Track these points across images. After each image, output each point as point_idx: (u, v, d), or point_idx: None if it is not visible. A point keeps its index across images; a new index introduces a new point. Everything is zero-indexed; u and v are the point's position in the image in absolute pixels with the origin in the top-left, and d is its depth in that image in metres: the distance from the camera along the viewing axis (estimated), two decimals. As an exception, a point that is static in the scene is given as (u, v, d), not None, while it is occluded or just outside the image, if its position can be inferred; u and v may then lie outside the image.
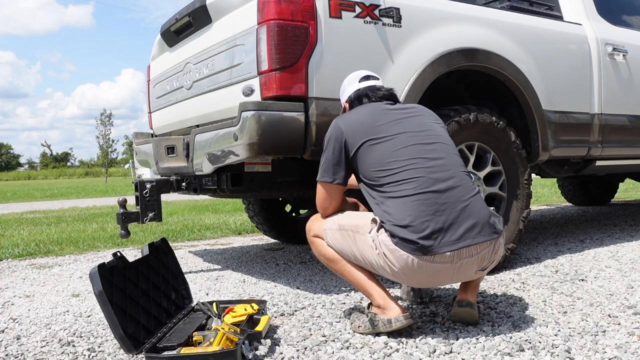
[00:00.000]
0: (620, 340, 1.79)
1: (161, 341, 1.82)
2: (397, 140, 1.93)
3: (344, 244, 1.98)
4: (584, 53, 3.40)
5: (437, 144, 1.97)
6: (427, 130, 2.00)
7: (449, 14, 2.83)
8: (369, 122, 1.98)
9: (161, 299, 2.11)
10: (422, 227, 1.78)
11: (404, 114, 2.04)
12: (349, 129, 1.98)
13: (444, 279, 1.88)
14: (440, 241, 1.77)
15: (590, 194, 6.50)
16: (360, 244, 1.92)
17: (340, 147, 1.98)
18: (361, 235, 1.92)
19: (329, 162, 2.00)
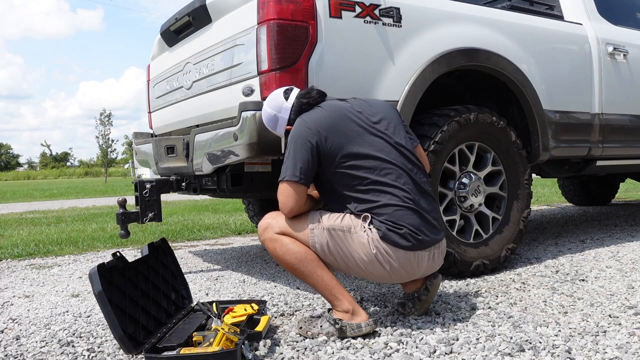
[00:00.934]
0: (620, 341, 1.79)
1: (161, 341, 1.81)
2: (379, 150, 1.97)
3: (333, 245, 1.95)
4: (585, 53, 3.40)
5: (412, 154, 2.05)
6: (401, 137, 2.05)
7: (449, 13, 2.83)
8: (341, 126, 1.97)
9: (161, 299, 2.10)
10: (414, 224, 1.92)
11: (371, 120, 2.03)
12: (322, 129, 1.95)
13: (419, 274, 2.04)
14: (426, 235, 1.95)
15: (590, 194, 6.49)
16: (354, 243, 1.93)
17: (311, 148, 1.93)
18: (354, 234, 1.93)
19: (296, 161, 1.94)
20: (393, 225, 1.90)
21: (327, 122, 1.97)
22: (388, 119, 2.06)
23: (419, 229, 1.93)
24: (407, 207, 1.93)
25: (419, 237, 1.93)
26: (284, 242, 1.98)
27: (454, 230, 2.80)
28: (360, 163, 1.94)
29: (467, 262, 2.76)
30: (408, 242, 1.91)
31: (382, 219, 1.91)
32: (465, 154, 2.85)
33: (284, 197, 1.97)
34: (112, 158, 46.38)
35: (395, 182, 1.94)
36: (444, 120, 2.71)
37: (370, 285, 2.71)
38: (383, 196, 1.93)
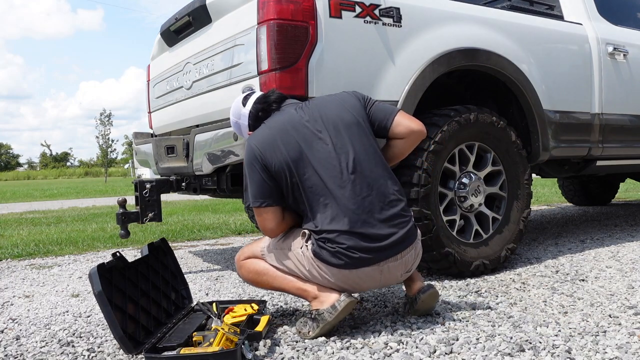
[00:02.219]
0: (620, 341, 1.79)
1: (161, 341, 1.81)
2: (319, 168, 1.92)
3: (279, 262, 2.02)
4: (585, 53, 3.40)
5: (358, 165, 1.93)
6: (345, 150, 1.94)
7: (449, 13, 2.83)
8: (284, 144, 1.93)
9: (161, 299, 2.10)
10: (347, 245, 1.87)
11: (316, 134, 1.96)
12: (264, 149, 1.94)
13: (370, 286, 1.98)
14: (368, 252, 1.87)
15: (590, 194, 6.49)
16: (292, 259, 1.98)
17: (261, 168, 1.94)
18: (292, 251, 1.98)
19: (254, 186, 1.96)
20: (326, 243, 1.88)
21: (269, 141, 1.95)
22: (337, 120, 1.97)
23: (356, 247, 1.85)
24: (344, 226, 1.86)
25: (354, 255, 1.85)
26: (246, 264, 2.10)
27: (454, 230, 2.80)
28: (302, 179, 1.92)
29: (467, 262, 2.76)
30: (340, 261, 1.87)
31: (319, 237, 1.90)
32: (465, 154, 2.85)
33: (259, 221, 2.03)
34: (112, 158, 46.41)
35: (335, 197, 1.88)
36: (444, 120, 2.71)
37: (370, 285, 2.71)
38: (322, 213, 1.89)
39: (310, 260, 1.92)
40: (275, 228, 2.01)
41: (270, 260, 2.05)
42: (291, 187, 1.94)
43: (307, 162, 1.92)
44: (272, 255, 2.05)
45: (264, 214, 1.99)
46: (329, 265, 1.88)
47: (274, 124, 2.01)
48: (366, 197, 1.90)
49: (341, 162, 1.92)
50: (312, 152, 1.92)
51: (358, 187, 1.90)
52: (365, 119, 2.02)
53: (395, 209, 1.93)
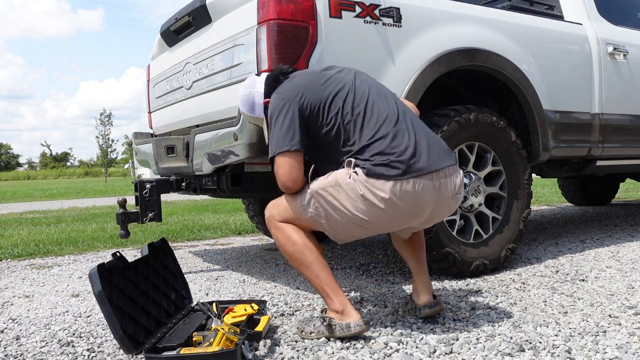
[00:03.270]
0: (620, 341, 1.79)
1: (161, 341, 1.81)
2: (356, 91, 1.94)
3: (324, 206, 1.88)
4: (585, 53, 3.40)
5: (394, 96, 2.03)
6: (385, 93, 2.01)
7: (449, 13, 2.83)
8: (315, 83, 1.94)
9: (161, 299, 2.10)
10: (401, 151, 1.83)
11: (353, 80, 1.98)
12: (298, 91, 1.91)
13: (425, 207, 1.87)
14: (419, 161, 1.84)
15: (590, 194, 6.49)
16: (342, 192, 1.85)
17: (294, 112, 1.88)
18: (341, 185, 1.85)
19: (284, 131, 1.87)
20: (378, 157, 1.82)
21: (301, 83, 1.94)
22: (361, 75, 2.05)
23: (411, 155, 1.82)
24: (397, 140, 1.84)
25: (410, 161, 1.81)
26: (287, 231, 1.98)
27: (454, 230, 2.80)
28: (342, 110, 1.89)
29: (467, 262, 2.76)
30: (397, 170, 1.79)
31: (366, 157, 1.84)
32: (465, 154, 2.85)
33: (281, 171, 1.90)
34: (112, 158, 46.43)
35: (379, 119, 1.88)
36: (444, 120, 2.71)
37: (370, 285, 2.71)
38: (366, 135, 1.86)
39: (364, 185, 1.80)
40: (300, 178, 1.91)
41: (312, 213, 1.91)
42: (324, 126, 1.89)
43: (351, 94, 1.92)
44: (316, 205, 1.90)
45: (291, 160, 1.88)
46: (386, 179, 1.79)
47: (301, 73, 2.03)
48: (416, 126, 1.92)
49: (388, 98, 1.97)
50: (355, 88, 1.95)
51: (406, 120, 1.92)
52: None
53: (442, 143, 1.97)
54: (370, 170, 1.81)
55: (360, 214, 1.84)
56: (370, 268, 3.16)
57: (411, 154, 1.82)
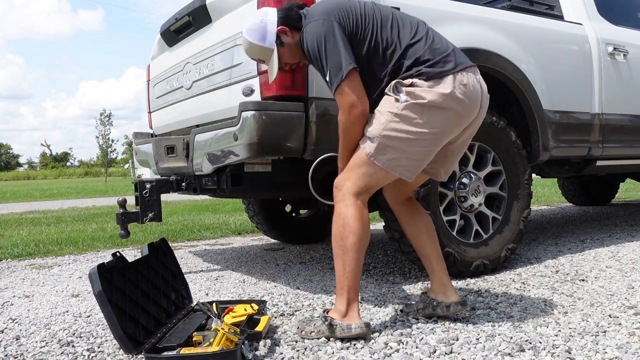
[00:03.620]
0: (620, 341, 1.79)
1: (161, 341, 1.81)
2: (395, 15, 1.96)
3: (398, 146, 1.83)
4: (585, 53, 3.40)
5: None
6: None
7: (449, 13, 2.82)
8: (341, 3, 1.93)
9: (161, 299, 2.10)
10: (444, 48, 1.90)
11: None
12: (336, 10, 1.89)
13: (478, 100, 1.91)
14: (460, 56, 1.93)
15: (590, 194, 6.49)
16: (406, 126, 1.82)
17: (340, 32, 1.84)
18: (398, 116, 1.82)
19: (341, 52, 1.81)
20: (428, 55, 1.85)
21: (332, 4, 1.92)
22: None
23: (452, 49, 1.90)
24: (431, 38, 1.91)
25: (456, 56, 1.89)
26: (359, 207, 1.88)
27: (454, 230, 2.80)
28: (375, 22, 1.90)
29: (467, 262, 2.76)
30: (451, 63, 1.85)
31: (414, 64, 1.86)
32: (465, 154, 2.85)
33: (353, 96, 1.83)
34: (112, 158, 46.44)
35: (412, 24, 1.94)
36: (444, 120, 2.70)
37: (370, 285, 2.71)
38: (405, 37, 1.89)
39: (428, 92, 1.80)
40: (365, 97, 1.86)
41: (386, 159, 1.84)
42: (370, 34, 1.88)
43: (377, 8, 1.95)
44: (387, 149, 1.84)
45: (357, 80, 1.84)
46: (446, 75, 1.82)
47: (323, 1, 1.98)
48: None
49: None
50: (376, 3, 2.00)
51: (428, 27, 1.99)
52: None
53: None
54: (430, 72, 1.83)
55: (431, 129, 1.82)
56: (370, 268, 3.15)
57: (452, 49, 1.91)
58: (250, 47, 2.01)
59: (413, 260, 2.85)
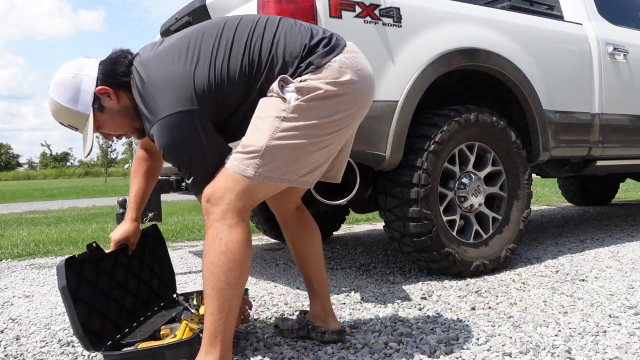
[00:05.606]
0: (620, 341, 1.79)
1: (127, 337, 1.78)
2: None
3: (287, 156, 1.49)
4: (585, 53, 3.40)
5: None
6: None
7: (449, 13, 2.83)
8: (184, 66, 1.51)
9: (139, 289, 2.03)
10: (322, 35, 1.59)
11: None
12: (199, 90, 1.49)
13: (372, 92, 1.65)
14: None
15: (590, 194, 6.49)
16: (303, 122, 1.48)
17: (206, 123, 1.49)
18: (292, 114, 1.48)
19: (207, 160, 1.51)
20: (316, 47, 1.56)
21: (182, 69, 1.53)
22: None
23: (330, 35, 1.62)
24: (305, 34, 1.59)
25: (333, 41, 1.59)
26: (245, 230, 1.51)
27: (454, 230, 2.80)
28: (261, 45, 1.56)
29: (467, 262, 2.76)
30: (339, 46, 1.58)
31: (305, 55, 1.55)
32: (465, 154, 2.85)
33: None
34: (112, 158, 46.46)
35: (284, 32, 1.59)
36: (444, 120, 2.71)
37: (370, 285, 2.71)
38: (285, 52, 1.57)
39: (324, 82, 1.49)
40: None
41: (276, 174, 1.49)
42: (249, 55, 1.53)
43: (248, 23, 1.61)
44: (277, 162, 1.48)
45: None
46: (330, 62, 1.52)
47: (159, 64, 1.53)
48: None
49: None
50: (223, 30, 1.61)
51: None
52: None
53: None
54: (321, 61, 1.51)
55: (333, 124, 1.52)
56: (370, 268, 3.16)
57: (328, 32, 1.62)
58: (57, 109, 1.56)
59: (413, 260, 2.85)
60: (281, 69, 1.52)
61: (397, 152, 2.59)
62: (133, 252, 2.02)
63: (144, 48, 1.62)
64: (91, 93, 1.54)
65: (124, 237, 1.94)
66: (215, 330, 1.44)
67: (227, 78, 1.50)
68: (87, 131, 1.56)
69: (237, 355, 1.78)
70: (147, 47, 1.62)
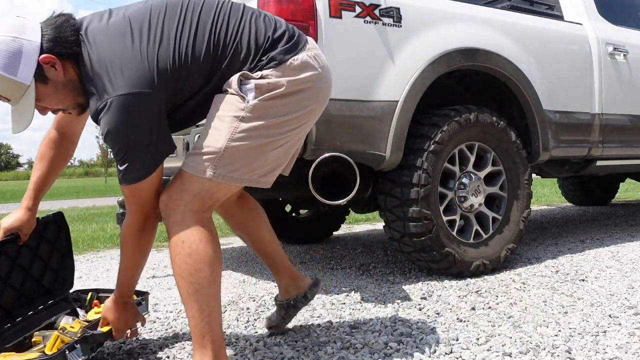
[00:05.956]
0: (620, 341, 1.79)
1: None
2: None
3: (247, 156, 1.46)
4: (585, 53, 3.40)
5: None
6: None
7: (449, 13, 2.83)
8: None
9: (24, 285, 1.80)
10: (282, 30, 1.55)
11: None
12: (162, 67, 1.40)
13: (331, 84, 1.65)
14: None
15: (590, 194, 6.49)
16: (262, 122, 1.46)
17: (158, 106, 1.42)
18: (249, 114, 1.44)
19: (150, 151, 1.46)
20: (271, 49, 1.51)
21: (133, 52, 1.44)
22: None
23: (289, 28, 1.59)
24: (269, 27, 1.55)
25: (294, 35, 1.57)
26: (208, 227, 1.50)
27: (454, 230, 2.80)
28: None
29: (467, 262, 2.76)
30: (302, 41, 1.56)
31: (263, 51, 1.53)
32: (465, 154, 2.85)
33: (148, 193, 1.57)
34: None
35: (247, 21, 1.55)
36: (444, 120, 2.71)
37: (370, 285, 2.71)
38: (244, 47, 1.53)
39: (287, 79, 1.46)
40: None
41: (236, 168, 1.46)
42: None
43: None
44: (238, 162, 1.46)
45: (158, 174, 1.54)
46: (293, 56, 1.49)
47: (107, 41, 1.41)
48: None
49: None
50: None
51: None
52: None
53: None
54: (283, 57, 1.47)
55: (290, 115, 1.49)
56: (370, 268, 3.16)
57: (286, 25, 1.58)
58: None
59: (413, 260, 2.85)
60: (243, 58, 1.47)
61: (397, 152, 2.59)
62: (25, 243, 1.78)
63: (91, 17, 1.49)
64: (34, 61, 1.35)
65: (14, 225, 1.73)
66: (201, 332, 1.41)
67: (190, 63, 1.42)
68: (24, 104, 1.38)
69: (237, 355, 1.78)
70: (94, 16, 1.49)
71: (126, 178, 1.44)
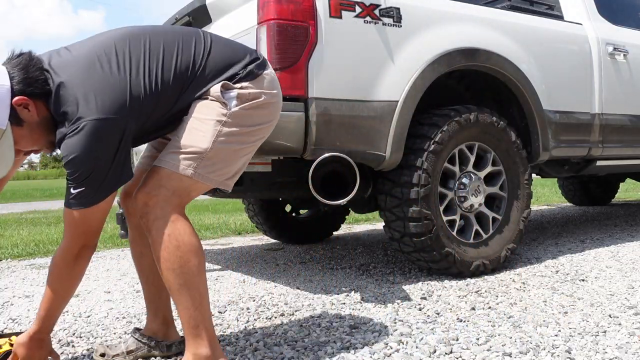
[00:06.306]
0: (621, 341, 1.79)
1: None
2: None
3: (224, 159, 1.53)
4: (585, 53, 3.40)
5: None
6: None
7: (449, 13, 2.83)
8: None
9: None
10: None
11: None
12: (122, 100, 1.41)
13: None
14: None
15: (590, 194, 6.49)
16: (236, 135, 1.53)
17: (128, 137, 1.43)
18: (230, 118, 1.51)
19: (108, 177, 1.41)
20: (248, 59, 1.61)
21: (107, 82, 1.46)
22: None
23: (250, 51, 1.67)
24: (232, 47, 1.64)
25: (254, 53, 1.65)
26: (187, 223, 1.53)
27: (454, 230, 2.80)
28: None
29: (467, 262, 2.76)
30: (261, 64, 1.62)
31: (238, 70, 1.60)
32: (465, 154, 2.85)
33: (98, 216, 1.50)
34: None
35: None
36: (444, 120, 2.71)
37: (370, 285, 2.71)
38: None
39: (253, 94, 1.54)
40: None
41: (214, 170, 1.51)
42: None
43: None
44: (213, 157, 1.50)
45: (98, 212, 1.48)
46: (262, 72, 1.58)
47: (79, 68, 1.41)
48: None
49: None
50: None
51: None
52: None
53: None
54: (257, 71, 1.57)
55: (260, 125, 1.59)
56: (370, 268, 3.16)
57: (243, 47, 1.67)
58: None
59: (413, 260, 2.85)
60: (211, 78, 1.52)
61: (397, 152, 2.59)
62: None
63: (50, 54, 1.48)
64: (7, 105, 1.34)
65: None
66: (195, 321, 1.45)
67: (160, 89, 1.47)
68: (3, 148, 1.36)
69: (237, 355, 1.78)
70: (51, 53, 1.49)
71: (79, 202, 1.41)
